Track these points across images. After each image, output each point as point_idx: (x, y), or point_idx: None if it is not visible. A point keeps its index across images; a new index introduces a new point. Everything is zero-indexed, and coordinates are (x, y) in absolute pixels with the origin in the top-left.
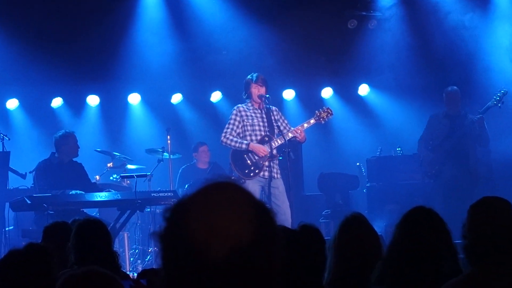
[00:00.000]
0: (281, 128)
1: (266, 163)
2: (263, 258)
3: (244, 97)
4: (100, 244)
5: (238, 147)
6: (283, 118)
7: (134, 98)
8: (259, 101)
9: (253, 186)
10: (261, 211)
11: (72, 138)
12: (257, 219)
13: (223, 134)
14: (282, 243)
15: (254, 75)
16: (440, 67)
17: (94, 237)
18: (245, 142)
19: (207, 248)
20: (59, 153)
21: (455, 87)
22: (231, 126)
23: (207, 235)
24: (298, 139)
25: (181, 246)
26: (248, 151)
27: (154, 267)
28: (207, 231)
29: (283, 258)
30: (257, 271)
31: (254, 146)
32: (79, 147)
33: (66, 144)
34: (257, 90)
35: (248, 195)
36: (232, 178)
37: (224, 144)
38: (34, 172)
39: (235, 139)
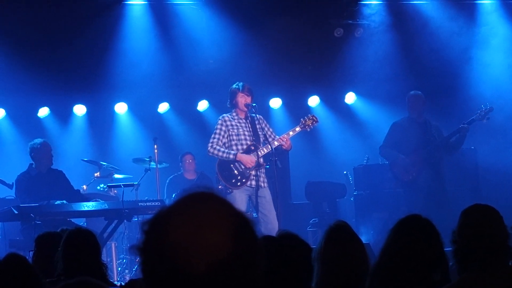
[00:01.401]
0: (267, 136)
1: (253, 172)
2: (244, 270)
3: (229, 106)
4: (89, 254)
5: (226, 157)
6: (268, 126)
7: (121, 108)
8: (245, 109)
9: (240, 196)
10: (241, 222)
11: (44, 146)
12: (237, 231)
13: (210, 145)
14: (263, 254)
15: (240, 84)
16: (426, 75)
17: (83, 247)
18: (232, 152)
19: (186, 261)
20: (35, 163)
21: (418, 92)
22: (217, 136)
23: (186, 248)
24: (284, 147)
25: (160, 259)
26: (235, 161)
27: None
28: (186, 244)
29: (265, 269)
30: (237, 284)
31: (242, 156)
32: (52, 156)
33: (39, 152)
34: (244, 100)
35: (227, 206)
36: (219, 187)
37: (211, 154)
38: (14, 186)
39: (222, 149)
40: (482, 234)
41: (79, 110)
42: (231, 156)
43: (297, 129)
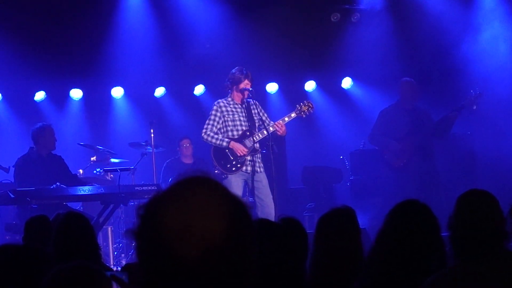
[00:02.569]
0: (262, 121)
1: (249, 158)
2: (238, 254)
3: (228, 86)
4: (81, 238)
5: (219, 144)
6: (263, 111)
7: (117, 92)
8: (241, 95)
9: (236, 180)
10: (236, 206)
11: (49, 131)
12: (231, 215)
13: (204, 131)
14: (257, 238)
15: (245, 71)
16: (422, 60)
17: (76, 231)
18: (226, 139)
19: (181, 246)
20: (37, 147)
21: (411, 79)
22: (211, 122)
23: (180, 232)
24: (279, 133)
25: (155, 243)
26: (229, 147)
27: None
28: (181, 228)
29: (260, 253)
30: (231, 267)
31: (234, 144)
32: (56, 140)
33: (43, 137)
34: (245, 86)
35: (222, 190)
36: (216, 172)
37: (204, 140)
38: (13, 169)
39: (216, 136)
40: (478, 220)
41: (76, 94)
42: (225, 144)
43: (293, 115)
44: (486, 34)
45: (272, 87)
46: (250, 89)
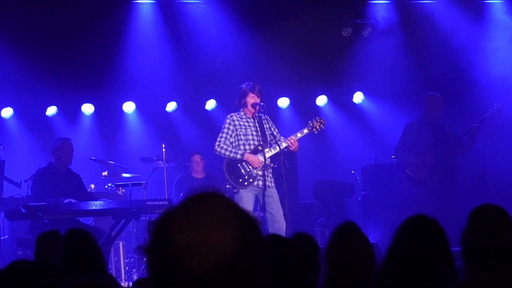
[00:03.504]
0: (274, 136)
1: (260, 172)
2: (248, 270)
3: (237, 104)
4: (87, 255)
5: (233, 157)
6: (274, 127)
7: (129, 107)
8: (253, 110)
9: (247, 195)
10: (246, 222)
11: (66, 144)
12: (241, 231)
13: (217, 144)
14: (268, 254)
15: (251, 84)
16: (434, 74)
17: (79, 248)
18: (240, 152)
19: (191, 262)
20: (56, 160)
21: (436, 93)
22: (224, 135)
23: (190, 248)
24: (291, 148)
25: (165, 259)
26: (242, 160)
27: None
28: (191, 244)
29: (271, 268)
30: (241, 282)
31: (249, 156)
32: (72, 155)
33: (60, 149)
34: (254, 100)
35: (232, 205)
36: (227, 187)
37: (218, 153)
38: (32, 178)
39: (229, 148)
40: (491, 235)
41: (87, 109)
42: (238, 156)
43: (305, 131)
44: (497, 45)
45: (283, 102)
46: (262, 104)
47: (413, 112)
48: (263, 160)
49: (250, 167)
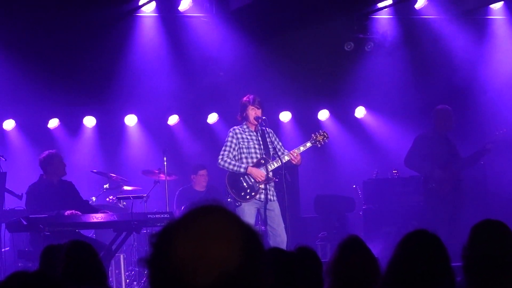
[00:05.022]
0: (276, 150)
1: (262, 186)
2: (250, 282)
3: (240, 119)
4: (87, 267)
5: (236, 170)
6: (277, 140)
7: (130, 120)
8: (255, 123)
9: (249, 209)
10: (248, 235)
11: (56, 157)
12: (244, 244)
13: (220, 157)
14: (270, 267)
15: (251, 97)
16: (436, 89)
17: (79, 260)
18: (243, 166)
19: (194, 275)
20: (46, 174)
21: (446, 106)
22: (228, 149)
23: (193, 261)
24: (294, 162)
25: (168, 272)
26: (245, 174)
27: None
28: (193, 257)
29: (274, 282)
30: None
31: (252, 170)
32: (65, 165)
33: (51, 164)
34: (254, 112)
35: (235, 218)
36: (228, 200)
37: (221, 167)
38: (25, 197)
39: (233, 162)
40: (492, 250)
41: (89, 121)
42: (242, 170)
43: (308, 144)
44: (502, 62)
45: (285, 116)
46: (264, 117)
47: (415, 127)
48: (266, 173)
49: (253, 180)
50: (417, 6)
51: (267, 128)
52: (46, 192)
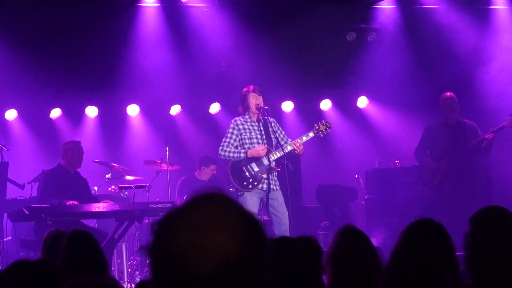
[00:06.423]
0: (279, 139)
1: (265, 175)
2: (252, 271)
3: (241, 110)
4: (87, 256)
5: (237, 157)
6: (280, 129)
7: (132, 110)
8: (257, 112)
9: (252, 198)
10: (250, 223)
11: (75, 146)
12: (246, 232)
13: (221, 148)
14: (272, 255)
15: (250, 86)
16: (439, 79)
17: (80, 250)
18: (243, 151)
19: (195, 263)
20: (65, 162)
21: (450, 93)
22: (228, 140)
23: (195, 249)
24: (296, 151)
25: (169, 260)
26: (247, 161)
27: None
28: (195, 245)
29: (275, 270)
30: (245, 284)
31: (252, 151)
32: (81, 157)
33: (68, 150)
34: (255, 100)
35: (237, 207)
36: (231, 190)
37: (222, 157)
38: (38, 179)
39: (232, 150)
40: (494, 236)
41: (91, 111)
42: (242, 155)
43: (311, 134)
44: (506, 52)
45: (287, 106)
46: (266, 107)
47: (418, 117)
48: (268, 162)
49: (256, 170)
50: None
51: (269, 118)
52: (61, 181)
